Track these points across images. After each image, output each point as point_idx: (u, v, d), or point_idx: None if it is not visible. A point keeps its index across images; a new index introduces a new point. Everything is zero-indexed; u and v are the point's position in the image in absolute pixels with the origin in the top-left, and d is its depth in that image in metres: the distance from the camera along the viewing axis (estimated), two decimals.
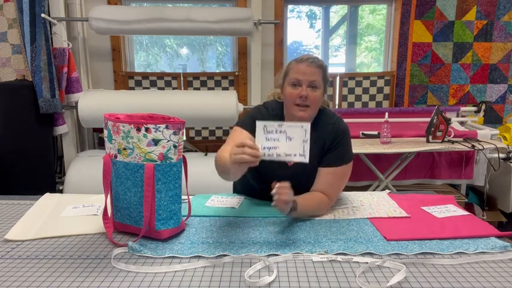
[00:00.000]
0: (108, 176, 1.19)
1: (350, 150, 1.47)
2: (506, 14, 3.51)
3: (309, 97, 1.36)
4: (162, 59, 3.74)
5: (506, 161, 2.86)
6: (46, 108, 2.86)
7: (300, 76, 1.36)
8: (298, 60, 1.39)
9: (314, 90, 1.37)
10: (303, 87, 1.35)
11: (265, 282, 0.94)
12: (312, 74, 1.36)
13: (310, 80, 1.35)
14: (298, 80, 1.36)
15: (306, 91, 1.35)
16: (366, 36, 3.82)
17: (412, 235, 1.20)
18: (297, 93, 1.36)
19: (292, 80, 1.37)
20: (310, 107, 1.38)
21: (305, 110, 1.37)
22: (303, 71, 1.36)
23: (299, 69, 1.36)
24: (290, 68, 1.40)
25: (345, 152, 1.45)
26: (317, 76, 1.37)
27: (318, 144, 1.41)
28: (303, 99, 1.35)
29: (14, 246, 1.15)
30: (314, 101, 1.38)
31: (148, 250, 1.11)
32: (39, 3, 2.79)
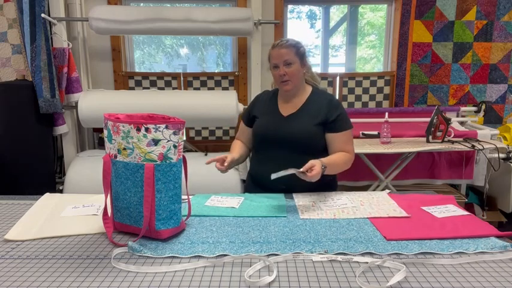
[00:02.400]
0: (108, 176, 1.19)
1: (349, 119, 1.76)
2: (506, 14, 3.51)
3: (287, 73, 1.66)
4: (162, 58, 3.74)
5: (506, 161, 2.86)
6: (46, 108, 2.86)
7: (275, 60, 1.67)
8: (273, 46, 1.70)
9: (289, 66, 1.66)
10: (281, 67, 1.66)
11: (265, 282, 0.94)
12: (284, 55, 1.65)
13: (284, 59, 1.65)
14: (276, 63, 1.67)
15: (283, 69, 1.65)
16: (366, 36, 3.82)
17: (412, 235, 1.20)
18: (278, 73, 1.67)
19: (272, 65, 1.70)
20: (290, 81, 1.67)
21: (287, 83, 1.68)
22: (277, 54, 1.66)
23: (274, 54, 1.67)
24: (269, 54, 1.72)
25: (347, 119, 1.74)
26: (289, 54, 1.65)
27: (314, 115, 1.69)
28: (282, 77, 1.66)
29: (14, 246, 1.15)
30: (292, 75, 1.67)
31: (148, 250, 1.11)
32: (39, 3, 2.79)
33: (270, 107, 1.77)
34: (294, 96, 1.74)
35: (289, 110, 1.73)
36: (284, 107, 1.75)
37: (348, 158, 1.68)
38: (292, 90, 1.70)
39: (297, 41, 1.70)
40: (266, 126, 1.73)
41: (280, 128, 1.69)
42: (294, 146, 1.65)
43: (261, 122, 1.76)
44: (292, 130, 1.67)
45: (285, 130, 1.67)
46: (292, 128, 1.67)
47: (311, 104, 1.72)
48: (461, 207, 1.44)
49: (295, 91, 1.72)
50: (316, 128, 1.67)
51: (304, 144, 1.66)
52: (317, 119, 1.67)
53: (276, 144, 1.68)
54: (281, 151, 1.66)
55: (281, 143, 1.67)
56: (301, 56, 1.68)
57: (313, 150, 1.65)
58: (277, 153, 1.66)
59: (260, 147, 1.75)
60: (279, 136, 1.68)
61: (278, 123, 1.71)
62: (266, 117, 1.75)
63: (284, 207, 1.46)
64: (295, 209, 1.45)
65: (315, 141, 1.68)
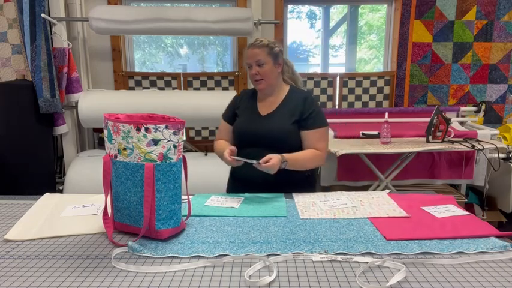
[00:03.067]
0: (108, 176, 1.19)
1: (324, 117, 1.78)
2: (506, 14, 3.51)
3: (259, 73, 1.70)
4: (162, 58, 3.74)
5: (506, 161, 2.86)
6: (46, 108, 2.86)
7: (248, 60, 1.72)
8: (247, 47, 1.75)
9: (261, 66, 1.70)
10: (253, 67, 1.71)
11: (265, 282, 0.94)
12: (256, 55, 1.70)
13: (255, 60, 1.70)
14: (249, 64, 1.72)
15: (256, 69, 1.70)
16: (366, 36, 3.82)
17: (412, 235, 1.20)
18: (251, 73, 1.72)
19: (247, 65, 1.75)
20: (264, 80, 1.71)
21: (260, 82, 1.72)
22: (249, 55, 1.71)
23: (247, 55, 1.73)
24: (244, 55, 1.77)
25: (322, 117, 1.75)
26: (260, 55, 1.69)
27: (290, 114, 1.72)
28: (255, 76, 1.71)
29: (14, 246, 1.15)
30: (264, 74, 1.71)
31: (148, 250, 1.11)
32: (39, 3, 2.79)
33: (249, 106, 1.81)
34: (271, 95, 1.78)
35: (267, 109, 1.77)
36: (262, 105, 1.78)
37: (316, 155, 1.69)
38: (266, 89, 1.74)
39: (271, 41, 1.73)
40: (244, 124, 1.77)
41: (257, 127, 1.73)
42: (271, 144, 1.67)
43: (240, 120, 1.80)
44: (269, 129, 1.70)
45: (262, 129, 1.71)
46: (269, 126, 1.71)
47: (288, 102, 1.75)
48: (461, 207, 1.44)
49: (270, 90, 1.76)
50: (293, 126, 1.71)
51: (281, 142, 1.68)
52: (293, 117, 1.71)
53: (253, 142, 1.71)
54: (259, 149, 1.67)
55: (259, 142, 1.70)
56: (275, 56, 1.71)
57: (290, 148, 1.67)
58: (255, 152, 1.66)
59: (239, 145, 1.76)
60: (256, 135, 1.71)
61: (256, 122, 1.75)
62: (245, 115, 1.80)
63: (284, 207, 1.46)
64: (295, 209, 1.45)
65: (292, 140, 1.71)
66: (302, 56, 4.02)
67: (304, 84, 3.56)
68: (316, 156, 1.70)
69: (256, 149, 1.68)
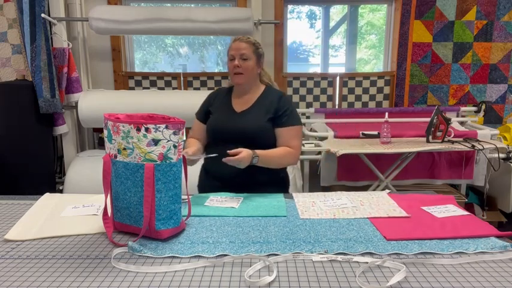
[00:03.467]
0: (108, 176, 1.19)
1: (299, 116, 1.80)
2: (506, 14, 3.51)
3: (241, 66, 1.71)
4: (162, 58, 3.74)
5: (506, 161, 2.86)
6: (46, 108, 2.86)
7: (233, 51, 1.72)
8: (233, 39, 1.76)
9: (245, 61, 1.71)
10: (237, 59, 1.71)
11: (265, 282, 0.94)
12: (242, 48, 1.71)
13: (240, 53, 1.71)
14: (233, 55, 1.72)
15: (239, 61, 1.71)
16: (366, 35, 3.82)
17: (412, 235, 1.20)
18: (233, 64, 1.72)
19: (229, 56, 1.75)
20: (243, 74, 1.72)
21: (239, 76, 1.73)
22: (235, 47, 1.72)
23: (233, 46, 1.73)
24: (229, 47, 1.77)
25: (296, 115, 1.77)
26: (246, 50, 1.71)
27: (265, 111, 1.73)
28: (236, 68, 1.71)
29: (14, 246, 1.15)
30: (246, 69, 1.72)
31: (148, 250, 1.11)
32: (39, 3, 2.79)
33: (224, 103, 1.82)
34: (247, 93, 1.79)
35: (242, 106, 1.78)
36: (237, 102, 1.79)
37: (288, 153, 1.71)
38: (244, 84, 1.75)
39: (257, 42, 1.78)
40: (219, 121, 1.77)
41: (232, 124, 1.73)
42: (246, 141, 1.67)
43: (214, 117, 1.80)
44: (244, 125, 1.71)
45: (237, 125, 1.72)
46: (244, 123, 1.72)
47: (263, 100, 1.77)
48: (461, 207, 1.44)
49: (247, 87, 1.78)
50: (267, 123, 1.72)
51: (256, 139, 1.70)
52: (268, 114, 1.72)
53: (228, 139, 1.70)
54: (233, 146, 1.66)
55: (233, 138, 1.69)
56: (258, 56, 1.76)
57: (264, 145, 1.69)
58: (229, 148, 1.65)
59: (213, 143, 1.78)
60: (231, 131, 1.72)
61: (231, 118, 1.75)
62: (220, 112, 1.80)
63: (284, 207, 1.46)
64: (295, 209, 1.45)
65: (266, 136, 1.73)
66: (302, 56, 4.02)
67: (304, 84, 3.56)
68: (289, 154, 1.71)
69: (231, 146, 1.66)
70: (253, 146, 1.64)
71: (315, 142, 2.81)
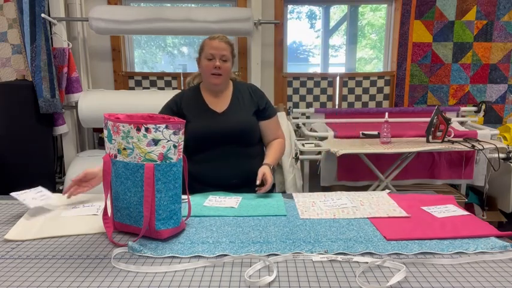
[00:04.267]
0: (108, 176, 1.19)
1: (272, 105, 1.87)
2: (506, 14, 3.51)
3: (221, 68, 1.69)
4: (162, 58, 3.74)
5: (506, 161, 2.86)
6: (46, 108, 2.86)
7: (213, 51, 1.68)
8: (211, 37, 1.72)
9: (225, 62, 1.70)
10: (217, 60, 1.68)
11: (265, 282, 0.94)
12: (223, 49, 1.69)
13: (221, 54, 1.68)
14: (212, 54, 1.68)
15: (220, 62, 1.68)
16: (367, 35, 3.82)
17: (412, 235, 1.20)
18: (212, 65, 1.68)
19: (207, 55, 1.69)
20: (222, 75, 1.71)
21: (218, 77, 1.71)
22: (216, 46, 1.68)
23: (212, 45, 1.69)
24: (205, 44, 1.73)
25: (272, 106, 1.85)
26: (227, 51, 1.70)
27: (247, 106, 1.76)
28: (217, 69, 1.68)
29: (14, 246, 1.15)
30: (225, 71, 1.71)
31: (148, 250, 1.11)
32: (39, 3, 2.79)
33: (198, 106, 1.76)
34: (221, 91, 1.78)
35: (221, 105, 1.76)
36: (213, 102, 1.76)
37: (282, 145, 1.82)
38: (221, 85, 1.74)
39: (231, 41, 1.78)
40: (202, 125, 1.71)
41: (219, 125, 1.71)
42: (235, 140, 1.69)
43: (195, 122, 1.71)
44: (231, 125, 1.70)
45: (224, 126, 1.70)
46: (231, 122, 1.71)
47: (239, 95, 1.78)
48: (461, 207, 1.44)
49: (222, 87, 1.77)
50: (253, 118, 1.76)
51: (245, 136, 1.72)
52: (251, 109, 1.75)
53: (214, 142, 1.69)
54: (222, 147, 1.69)
55: (220, 140, 1.69)
56: (233, 57, 1.77)
57: (253, 140, 1.74)
58: (218, 151, 1.69)
59: (196, 148, 1.70)
60: (217, 133, 1.69)
61: (214, 120, 1.72)
62: (198, 116, 1.74)
63: (283, 206, 1.46)
64: (295, 209, 1.45)
65: (255, 132, 1.76)
66: (302, 56, 4.02)
67: (304, 84, 3.56)
68: (283, 145, 1.82)
69: (216, 148, 1.70)
70: (242, 143, 1.67)
71: (315, 142, 2.81)
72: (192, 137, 1.68)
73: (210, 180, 1.70)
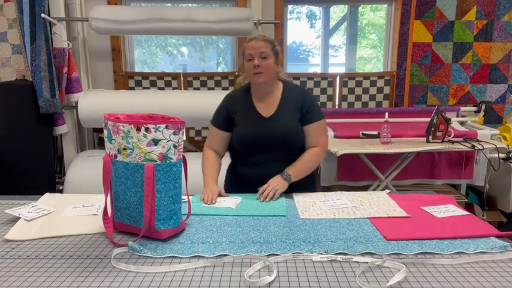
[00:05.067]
0: (108, 176, 1.19)
1: (321, 109, 1.78)
2: (506, 14, 3.51)
3: (261, 65, 1.63)
4: (162, 58, 3.74)
5: (506, 161, 2.86)
6: (46, 108, 2.86)
7: (251, 51, 1.65)
8: (249, 39, 1.69)
9: (265, 59, 1.64)
10: (255, 59, 1.64)
11: (265, 282, 0.94)
12: (261, 47, 1.64)
13: (260, 51, 1.63)
14: (251, 55, 1.64)
15: (258, 61, 1.63)
16: (367, 35, 3.82)
17: (412, 235, 1.20)
18: (252, 65, 1.64)
19: (247, 56, 1.67)
20: (264, 73, 1.65)
21: (260, 75, 1.65)
22: (253, 46, 1.65)
23: (250, 46, 1.66)
24: (244, 47, 1.70)
25: (319, 109, 1.75)
26: (265, 48, 1.64)
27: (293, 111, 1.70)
28: (256, 68, 1.64)
29: (14, 246, 1.15)
30: (266, 68, 1.64)
31: (148, 250, 1.11)
32: (39, 3, 2.79)
33: (246, 109, 1.73)
34: (268, 94, 1.72)
35: (268, 109, 1.71)
36: (261, 106, 1.72)
37: (315, 155, 1.70)
38: (265, 84, 1.68)
39: (273, 39, 1.71)
40: (249, 130, 1.69)
41: (263, 131, 1.67)
42: (278, 146, 1.66)
43: (243, 126, 1.71)
44: (275, 131, 1.66)
45: (268, 132, 1.67)
46: (275, 129, 1.67)
47: (287, 99, 1.72)
48: (461, 207, 1.44)
49: (268, 87, 1.71)
50: (297, 124, 1.70)
51: (288, 143, 1.67)
52: (296, 114, 1.69)
53: (260, 147, 1.67)
54: (265, 154, 1.67)
55: (265, 146, 1.67)
56: (276, 54, 1.69)
57: (296, 147, 1.68)
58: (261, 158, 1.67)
59: (242, 152, 1.72)
60: (263, 139, 1.67)
61: (261, 126, 1.69)
62: (247, 121, 1.71)
63: (283, 207, 1.46)
64: (295, 209, 1.45)
65: (299, 138, 1.70)
66: (302, 56, 4.02)
67: (304, 84, 3.56)
68: (315, 155, 1.70)
69: (262, 154, 1.67)
70: (284, 150, 1.64)
71: None
72: (238, 142, 1.71)
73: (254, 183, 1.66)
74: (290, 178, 1.60)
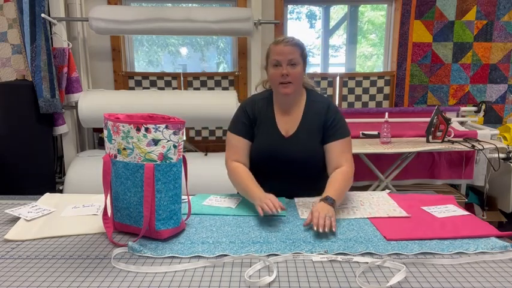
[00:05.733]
0: (108, 176, 1.19)
1: (346, 124, 1.60)
2: (506, 14, 3.51)
3: (289, 74, 1.47)
4: (162, 58, 3.74)
5: (506, 161, 2.86)
6: (46, 108, 2.86)
7: (279, 57, 1.47)
8: (276, 41, 1.51)
9: (294, 67, 1.48)
10: (284, 66, 1.47)
11: (265, 282, 0.94)
12: (289, 53, 1.47)
13: (289, 58, 1.47)
14: (278, 61, 1.48)
15: (287, 69, 1.47)
16: (368, 34, 3.82)
17: (412, 235, 1.20)
18: (279, 72, 1.48)
19: (273, 62, 1.49)
20: (292, 83, 1.49)
21: (288, 86, 1.49)
22: (281, 51, 1.47)
23: (277, 50, 1.48)
24: (270, 50, 1.52)
25: (344, 126, 1.57)
26: (295, 54, 1.48)
27: (315, 130, 1.55)
28: (284, 77, 1.48)
29: (14, 246, 1.15)
30: (295, 77, 1.49)
31: (148, 250, 1.11)
32: (39, 3, 2.79)
33: (267, 121, 1.58)
34: (292, 105, 1.57)
35: (289, 126, 1.56)
36: (283, 121, 1.57)
37: (346, 176, 1.49)
38: (292, 95, 1.52)
39: (301, 41, 1.53)
40: (266, 148, 1.55)
41: (283, 152, 1.53)
42: (296, 168, 1.54)
43: (261, 143, 1.57)
44: (296, 154, 1.52)
45: (289, 154, 1.53)
46: (296, 152, 1.53)
47: (310, 114, 1.56)
48: (461, 207, 1.44)
49: (293, 98, 1.55)
50: (319, 145, 1.54)
51: (307, 165, 1.55)
52: (318, 134, 1.54)
53: (279, 165, 1.55)
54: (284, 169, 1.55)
55: (282, 166, 1.54)
56: (305, 59, 1.53)
57: (315, 169, 1.55)
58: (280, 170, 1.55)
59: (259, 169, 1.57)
60: (282, 160, 1.53)
61: (280, 146, 1.54)
62: (265, 137, 1.57)
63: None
64: (295, 209, 1.45)
65: (319, 160, 1.55)
66: None
67: None
68: (347, 176, 1.49)
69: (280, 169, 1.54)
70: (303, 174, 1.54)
71: None
72: (255, 156, 1.57)
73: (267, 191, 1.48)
74: (335, 203, 1.35)
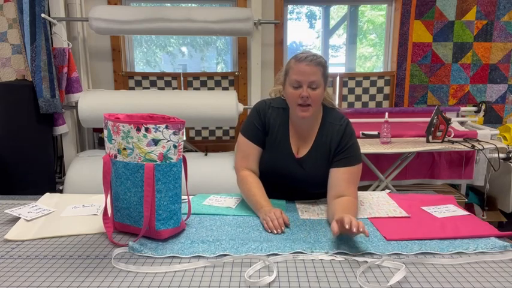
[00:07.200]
0: (108, 176, 1.19)
1: (360, 151, 1.49)
2: (506, 14, 3.51)
3: (310, 97, 1.37)
4: (162, 58, 3.74)
5: (506, 161, 2.86)
6: (46, 108, 2.86)
7: (300, 77, 1.36)
8: (298, 59, 1.39)
9: (314, 90, 1.38)
10: (304, 88, 1.37)
11: (265, 282, 0.94)
12: (311, 74, 1.36)
13: (310, 80, 1.36)
14: (299, 81, 1.37)
15: (307, 91, 1.37)
16: (368, 34, 3.82)
17: (412, 235, 1.20)
18: (298, 94, 1.38)
19: (292, 82, 1.38)
20: (311, 106, 1.40)
21: (307, 109, 1.40)
22: (302, 71, 1.36)
23: (299, 69, 1.37)
24: (290, 67, 1.41)
25: (356, 153, 1.46)
26: (317, 75, 1.37)
27: (326, 153, 1.46)
28: (304, 100, 1.37)
29: (14, 246, 1.15)
30: (315, 100, 1.39)
31: (148, 250, 1.11)
32: (39, 3, 2.79)
33: (281, 136, 1.50)
34: (307, 125, 1.48)
35: (302, 146, 1.50)
36: (296, 140, 1.50)
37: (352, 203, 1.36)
38: (310, 117, 1.42)
39: (324, 59, 1.43)
40: (276, 165, 1.49)
41: (292, 172, 1.48)
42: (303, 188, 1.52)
43: (270, 158, 1.50)
44: (303, 175, 1.48)
45: (297, 175, 1.48)
46: (305, 174, 1.47)
47: (323, 137, 1.47)
48: (461, 207, 1.44)
49: (310, 121, 1.47)
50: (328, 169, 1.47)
51: (316, 186, 1.49)
52: (329, 157, 1.46)
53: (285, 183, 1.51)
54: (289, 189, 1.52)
55: (290, 185, 1.51)
56: (326, 79, 1.44)
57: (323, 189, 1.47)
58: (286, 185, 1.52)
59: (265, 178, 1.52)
60: (290, 179, 1.49)
61: (290, 165, 1.48)
62: (276, 153, 1.50)
63: (284, 207, 1.46)
64: (295, 209, 1.45)
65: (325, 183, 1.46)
66: None
67: None
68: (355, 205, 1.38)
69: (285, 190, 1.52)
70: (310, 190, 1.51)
71: None
72: (263, 170, 1.51)
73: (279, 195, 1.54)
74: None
